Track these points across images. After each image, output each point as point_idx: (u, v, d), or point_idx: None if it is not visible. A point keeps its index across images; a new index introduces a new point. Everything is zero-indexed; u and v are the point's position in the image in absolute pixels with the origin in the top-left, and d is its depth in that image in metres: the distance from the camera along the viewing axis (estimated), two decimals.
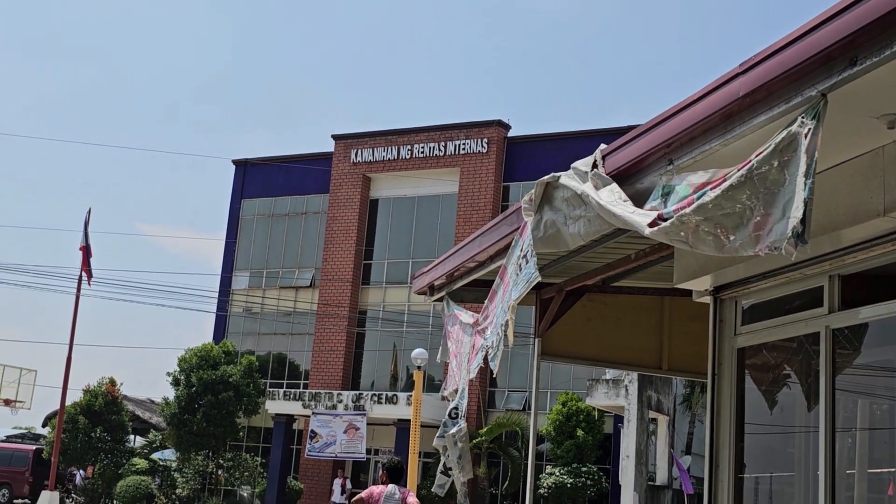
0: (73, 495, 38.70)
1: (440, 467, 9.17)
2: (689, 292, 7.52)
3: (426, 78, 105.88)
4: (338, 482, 33.11)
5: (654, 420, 28.01)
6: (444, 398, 10.46)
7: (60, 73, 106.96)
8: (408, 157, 38.42)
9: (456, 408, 8.95)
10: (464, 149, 37.37)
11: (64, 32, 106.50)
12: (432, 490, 9.47)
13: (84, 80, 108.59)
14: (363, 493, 10.61)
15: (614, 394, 26.87)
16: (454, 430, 8.82)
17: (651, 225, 4.74)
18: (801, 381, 6.62)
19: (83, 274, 28.47)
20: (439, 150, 37.78)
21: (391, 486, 10.45)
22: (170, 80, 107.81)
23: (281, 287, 40.31)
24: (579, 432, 30.59)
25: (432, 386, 34.85)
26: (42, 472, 36.27)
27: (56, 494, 27.66)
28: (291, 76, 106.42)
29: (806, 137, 3.94)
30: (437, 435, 9.10)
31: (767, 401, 7.14)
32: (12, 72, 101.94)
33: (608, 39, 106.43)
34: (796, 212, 3.91)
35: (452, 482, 9.22)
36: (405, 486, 10.80)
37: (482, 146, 37.03)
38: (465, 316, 8.77)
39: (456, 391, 9.35)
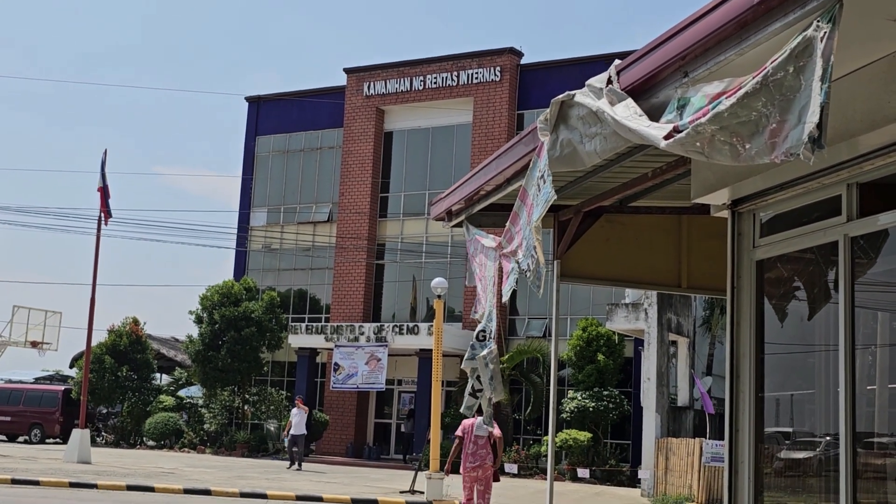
0: (103, 433, 39.38)
1: (468, 389, 9.31)
2: (706, 210, 7.52)
3: (436, 6, 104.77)
4: (295, 412, 29.60)
5: (674, 342, 28.18)
6: (473, 321, 10.63)
7: (77, 14, 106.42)
8: (420, 88, 38.20)
9: (483, 330, 9.06)
10: (477, 78, 37.12)
11: None
12: (461, 411, 9.69)
13: (95, 22, 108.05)
14: (458, 431, 13.61)
15: (634, 317, 26.99)
16: (485, 351, 8.94)
17: (667, 137, 4.74)
18: (820, 295, 6.65)
19: (102, 214, 28.64)
20: (452, 79, 37.54)
21: (479, 419, 12.91)
22: (179, 19, 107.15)
23: (299, 223, 40.43)
24: (600, 357, 30.80)
25: (452, 315, 35.07)
26: (72, 412, 36.90)
27: (87, 432, 28.12)
28: (301, 10, 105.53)
29: (822, 41, 3.92)
30: (466, 357, 9.22)
31: (787, 316, 7.18)
32: (24, 15, 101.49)
33: None
34: (812, 117, 3.90)
35: (480, 404, 9.36)
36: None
37: (495, 74, 36.76)
38: (487, 240, 8.82)
39: (484, 313, 9.44)
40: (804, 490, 6.97)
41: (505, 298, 7.66)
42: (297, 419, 29.26)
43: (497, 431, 13.43)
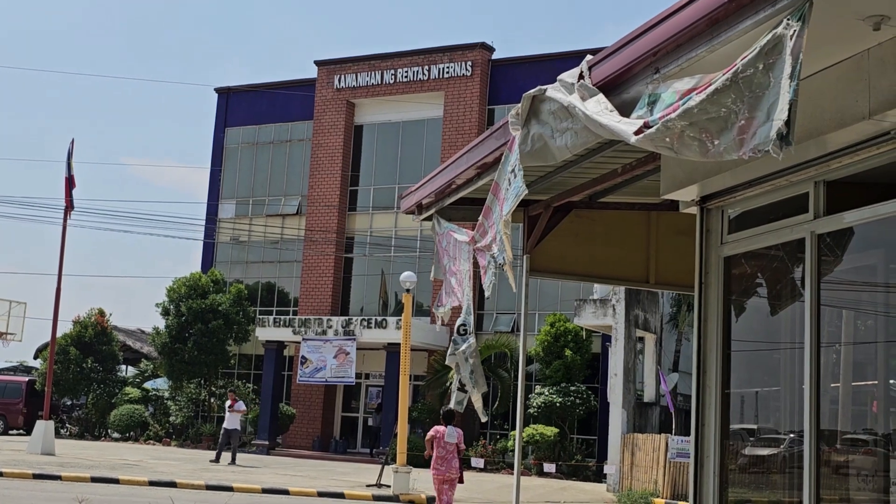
0: (67, 425, 39.07)
1: (456, 384, 9.33)
2: (675, 206, 7.56)
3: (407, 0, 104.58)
4: (228, 405, 28.36)
5: (641, 339, 28.34)
6: (434, 315, 10.67)
7: (43, 3, 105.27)
8: (391, 81, 38.15)
9: (464, 324, 9.08)
10: (448, 72, 37.10)
11: None
12: (451, 406, 9.72)
13: (64, 10, 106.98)
14: (431, 432, 15.66)
15: (602, 313, 27.12)
16: (464, 346, 8.96)
17: (637, 132, 4.76)
18: (787, 292, 6.71)
19: (66, 205, 28.38)
20: (423, 73, 37.51)
21: (450, 427, 15.44)
22: (149, 8, 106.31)
23: (267, 215, 40.27)
24: (568, 352, 30.92)
25: (421, 310, 35.08)
26: (36, 403, 36.57)
27: (51, 424, 27.89)
28: (272, 1, 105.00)
29: (791, 39, 3.96)
30: (449, 353, 9.24)
31: (753, 312, 7.24)
32: None
33: None
34: (781, 114, 3.94)
35: (469, 397, 9.38)
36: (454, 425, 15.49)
37: (466, 69, 36.77)
38: (460, 234, 8.81)
39: (453, 308, 9.45)
40: (768, 486, 7.03)
41: (488, 293, 7.65)
42: (230, 413, 28.02)
43: (462, 444, 15.79)
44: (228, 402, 28.35)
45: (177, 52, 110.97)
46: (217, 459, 27.47)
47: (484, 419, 9.98)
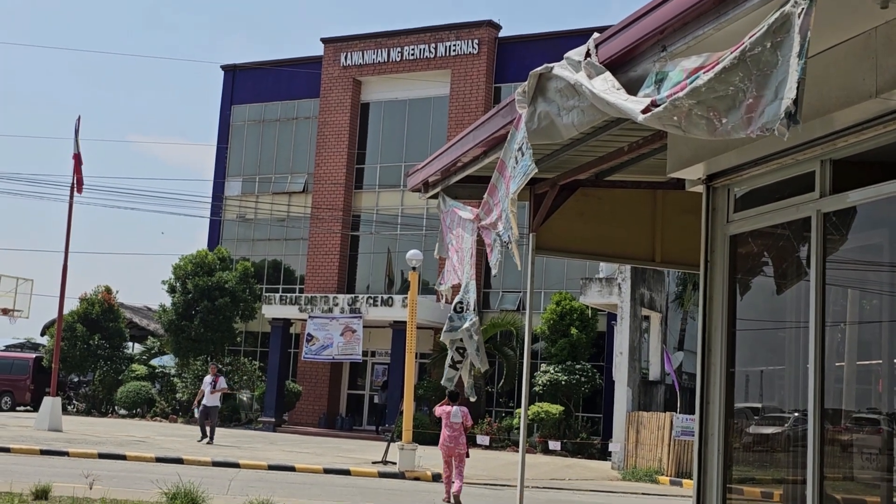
0: (74, 402, 39.25)
1: (448, 361, 9.36)
2: (681, 185, 7.55)
3: None
4: (208, 380, 27.30)
5: (646, 317, 28.36)
6: (439, 293, 10.71)
7: None
8: (398, 59, 38.05)
9: (461, 302, 9.09)
10: (454, 50, 37.00)
11: None
12: (442, 383, 9.77)
13: None
14: (438, 412, 16.80)
15: (607, 292, 27.13)
16: (468, 323, 8.98)
17: (644, 111, 4.76)
18: (792, 271, 6.71)
19: (75, 182, 28.39)
20: (430, 51, 37.41)
21: (455, 407, 16.50)
22: None
23: (274, 193, 40.28)
24: (573, 330, 30.96)
25: (427, 288, 35.12)
26: (43, 380, 36.73)
27: (58, 400, 28.02)
28: None
29: (799, 17, 3.95)
30: (445, 330, 9.24)
31: (759, 291, 7.24)
32: None
33: None
34: (789, 92, 3.94)
35: (460, 376, 9.41)
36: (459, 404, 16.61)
37: (473, 47, 36.66)
38: (465, 212, 8.81)
39: (454, 286, 9.46)
40: (772, 464, 7.06)
41: (494, 272, 7.65)
42: (210, 388, 26.82)
43: (469, 419, 16.78)
44: (210, 378, 27.11)
45: (184, 30, 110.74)
46: (203, 436, 26.36)
47: (473, 399, 9.99)
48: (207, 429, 26.44)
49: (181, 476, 13.56)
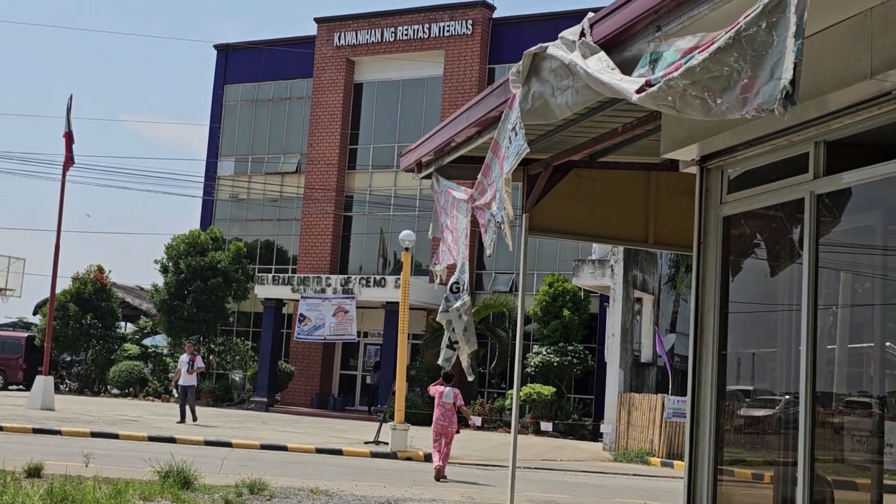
0: (66, 381, 39.24)
1: (445, 341, 9.36)
2: (675, 166, 7.54)
3: None
4: (185, 359, 26.60)
5: (639, 299, 28.41)
6: (433, 274, 10.71)
7: None
8: (391, 39, 37.91)
9: (457, 282, 9.09)
10: (448, 31, 36.87)
11: None
12: (439, 363, 9.78)
13: None
14: (432, 393, 17.38)
15: (600, 274, 27.16)
16: (458, 304, 8.98)
17: (639, 91, 4.73)
18: (785, 253, 6.71)
19: (66, 160, 28.30)
20: (423, 32, 37.28)
21: (448, 388, 17.02)
22: None
23: (266, 173, 40.20)
24: (566, 312, 30.99)
25: (420, 269, 35.10)
26: (35, 359, 36.73)
27: (50, 379, 28.01)
28: None
29: None
30: (441, 310, 9.25)
31: (751, 273, 7.24)
32: None
33: None
34: (786, 73, 3.91)
35: (458, 356, 9.41)
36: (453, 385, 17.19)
37: (467, 28, 36.54)
38: (459, 192, 8.80)
39: (448, 267, 9.46)
40: (763, 446, 7.08)
41: (489, 251, 7.63)
42: (187, 367, 26.21)
43: (460, 399, 17.41)
44: (187, 357, 26.44)
45: (176, 8, 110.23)
46: (183, 419, 25.70)
47: (471, 378, 10.02)
48: (187, 409, 25.81)
49: (174, 455, 13.57)
